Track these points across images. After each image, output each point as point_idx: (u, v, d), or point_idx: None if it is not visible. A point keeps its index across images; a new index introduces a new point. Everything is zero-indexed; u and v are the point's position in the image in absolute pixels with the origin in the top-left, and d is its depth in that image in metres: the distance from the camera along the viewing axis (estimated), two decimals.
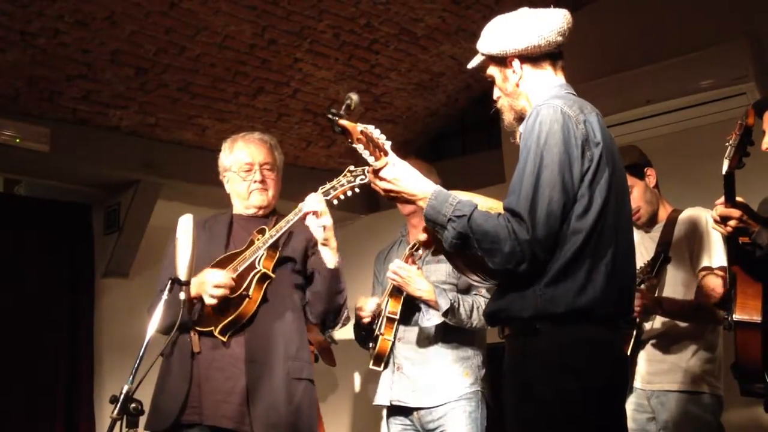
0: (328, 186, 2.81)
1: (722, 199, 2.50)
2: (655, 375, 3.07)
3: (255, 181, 2.94)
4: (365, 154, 2.14)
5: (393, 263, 3.25)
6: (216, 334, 2.73)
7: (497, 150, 5.34)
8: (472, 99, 5.83)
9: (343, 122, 2.12)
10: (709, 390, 3.02)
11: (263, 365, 2.73)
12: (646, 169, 3.22)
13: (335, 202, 2.80)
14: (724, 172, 2.36)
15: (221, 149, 3.06)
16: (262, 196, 2.96)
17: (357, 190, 2.79)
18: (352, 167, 2.80)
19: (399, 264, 3.23)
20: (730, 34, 4.27)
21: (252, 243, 2.84)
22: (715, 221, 2.47)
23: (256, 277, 2.75)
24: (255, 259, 2.77)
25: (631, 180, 3.11)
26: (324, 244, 2.79)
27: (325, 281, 2.82)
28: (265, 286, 2.78)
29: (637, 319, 3.05)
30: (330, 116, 2.12)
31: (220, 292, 2.72)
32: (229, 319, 2.72)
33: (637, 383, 3.10)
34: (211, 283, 2.73)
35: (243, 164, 2.96)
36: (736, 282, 2.50)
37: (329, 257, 2.80)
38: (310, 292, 2.89)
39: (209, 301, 2.73)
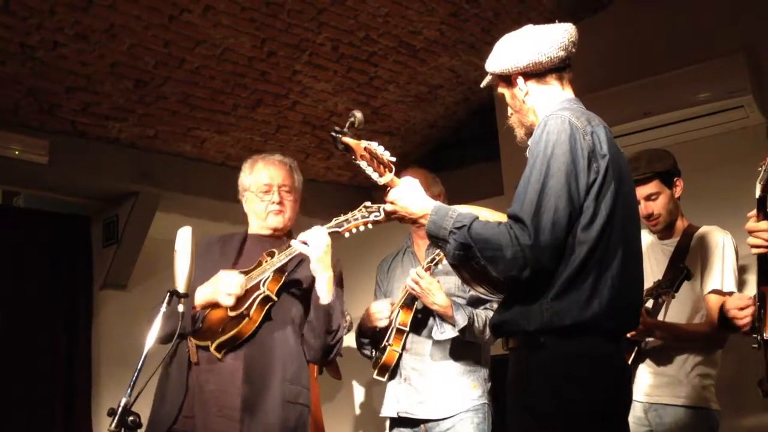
0: (341, 218, 2.77)
1: (754, 212, 2.46)
2: (655, 388, 3.06)
3: (273, 203, 2.95)
4: (369, 170, 2.15)
5: (413, 271, 3.18)
6: (212, 350, 2.72)
7: (496, 162, 5.34)
8: (470, 111, 5.84)
9: (347, 140, 2.14)
10: (707, 405, 3.01)
11: (260, 386, 2.71)
12: (676, 179, 3.20)
13: (347, 235, 2.77)
14: (757, 196, 2.32)
15: (241, 169, 3.07)
16: (279, 217, 2.97)
17: (370, 226, 2.75)
18: (368, 203, 2.76)
19: (420, 273, 3.16)
20: (727, 48, 4.28)
21: (260, 264, 2.83)
22: (749, 233, 2.41)
23: (259, 298, 2.73)
24: (260, 280, 2.76)
25: (658, 186, 3.13)
26: (316, 276, 2.76)
27: (317, 315, 2.79)
28: (266, 308, 2.76)
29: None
30: (333, 134, 2.14)
31: (237, 290, 2.72)
32: (226, 336, 2.71)
33: (636, 395, 3.07)
34: (226, 283, 2.73)
35: (262, 185, 2.97)
36: (766, 301, 2.47)
37: (321, 291, 2.77)
38: (306, 322, 2.85)
39: (226, 301, 2.73)
